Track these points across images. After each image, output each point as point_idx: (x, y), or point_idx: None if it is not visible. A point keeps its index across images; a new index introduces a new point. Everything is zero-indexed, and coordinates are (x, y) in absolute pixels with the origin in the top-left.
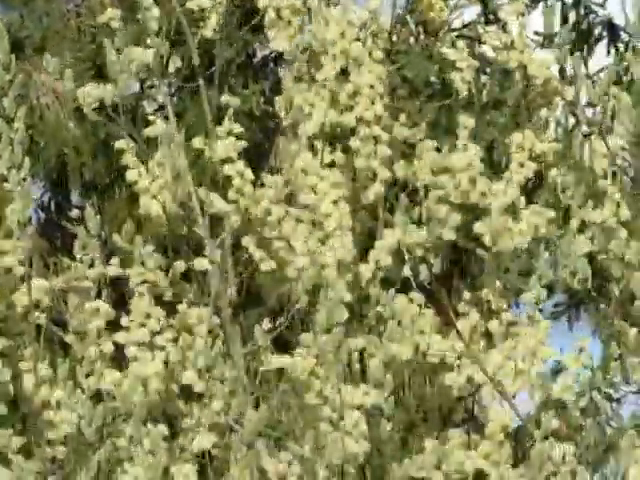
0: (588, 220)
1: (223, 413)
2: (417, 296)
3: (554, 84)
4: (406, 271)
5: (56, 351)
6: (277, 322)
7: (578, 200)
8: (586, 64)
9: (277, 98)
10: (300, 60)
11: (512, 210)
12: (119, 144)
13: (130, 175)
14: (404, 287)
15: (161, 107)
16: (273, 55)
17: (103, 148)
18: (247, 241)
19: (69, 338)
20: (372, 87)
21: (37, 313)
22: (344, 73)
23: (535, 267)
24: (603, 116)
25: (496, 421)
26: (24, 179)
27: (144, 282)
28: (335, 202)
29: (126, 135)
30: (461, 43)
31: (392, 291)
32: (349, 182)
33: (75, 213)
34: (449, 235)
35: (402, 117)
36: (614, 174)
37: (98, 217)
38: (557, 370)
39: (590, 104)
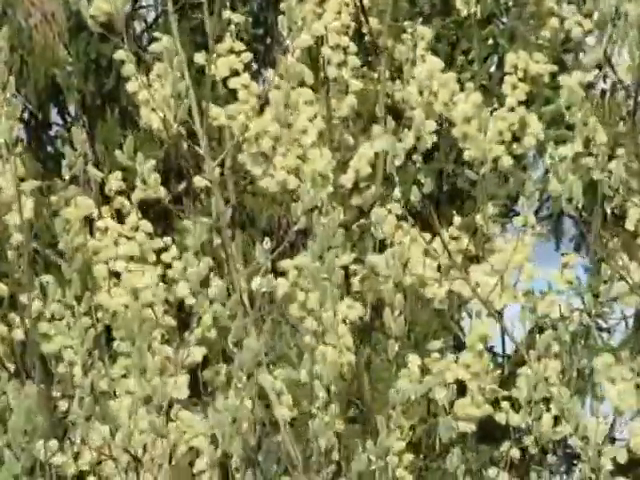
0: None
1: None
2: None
3: (548, 4)
4: (396, 193)
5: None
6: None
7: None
8: None
9: (280, 17)
10: None
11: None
12: (118, 55)
13: (131, 86)
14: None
15: (149, 27)
16: None
17: (95, 69)
18: (244, 158)
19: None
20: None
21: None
22: None
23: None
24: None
25: (475, 331)
26: (12, 97)
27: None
28: (310, 119)
29: (126, 50)
30: None
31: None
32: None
33: (60, 132)
34: (426, 143)
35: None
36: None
37: (84, 135)
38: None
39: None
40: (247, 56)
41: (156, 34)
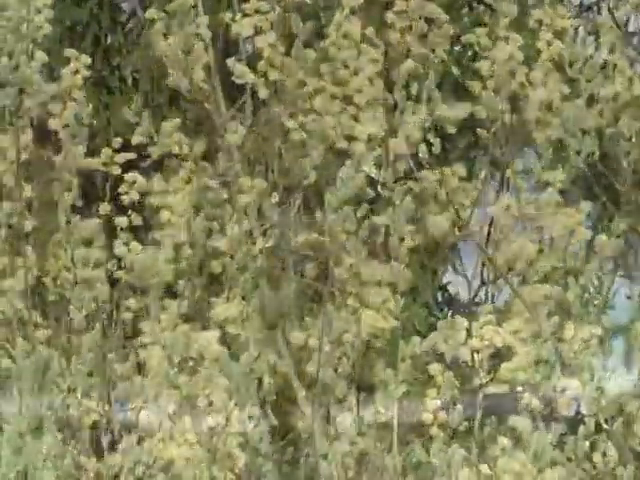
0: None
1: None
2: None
3: None
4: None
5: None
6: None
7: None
8: None
9: None
10: None
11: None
12: (149, 13)
13: (159, 47)
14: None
15: None
16: None
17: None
18: (279, 111)
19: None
20: None
21: None
22: None
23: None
24: None
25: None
26: None
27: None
28: (370, 79)
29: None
30: None
31: None
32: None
33: None
34: (482, 114)
35: None
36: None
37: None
38: None
39: None
40: (272, 16)
41: None
